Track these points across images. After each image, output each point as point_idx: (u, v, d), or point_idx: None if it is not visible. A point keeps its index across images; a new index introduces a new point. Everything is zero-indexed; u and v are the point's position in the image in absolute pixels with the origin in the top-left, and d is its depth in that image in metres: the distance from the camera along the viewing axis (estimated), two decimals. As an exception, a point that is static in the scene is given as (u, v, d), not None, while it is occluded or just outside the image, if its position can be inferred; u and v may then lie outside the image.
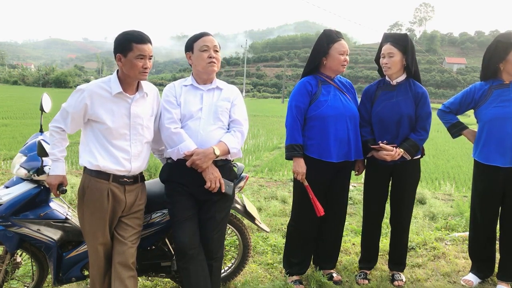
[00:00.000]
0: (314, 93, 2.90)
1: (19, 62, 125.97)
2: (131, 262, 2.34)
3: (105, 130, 2.24)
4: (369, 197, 3.17)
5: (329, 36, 2.93)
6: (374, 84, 3.10)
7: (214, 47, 2.44)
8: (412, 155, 2.92)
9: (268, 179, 7.17)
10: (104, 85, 2.25)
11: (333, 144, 2.84)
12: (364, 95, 3.09)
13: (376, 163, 2.98)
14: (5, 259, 2.51)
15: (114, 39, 2.26)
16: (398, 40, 2.92)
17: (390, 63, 2.90)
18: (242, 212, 2.96)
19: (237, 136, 2.47)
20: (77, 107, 2.22)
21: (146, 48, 2.21)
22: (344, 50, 2.89)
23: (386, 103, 2.95)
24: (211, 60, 2.41)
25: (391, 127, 2.93)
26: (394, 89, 2.97)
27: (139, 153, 2.33)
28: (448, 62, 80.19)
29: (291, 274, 3.07)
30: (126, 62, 2.20)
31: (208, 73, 2.46)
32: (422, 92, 2.95)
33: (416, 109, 2.93)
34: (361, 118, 3.03)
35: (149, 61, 2.26)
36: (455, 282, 3.18)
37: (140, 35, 2.21)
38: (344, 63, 2.91)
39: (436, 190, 6.99)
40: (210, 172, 2.35)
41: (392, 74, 2.95)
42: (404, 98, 2.93)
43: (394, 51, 2.88)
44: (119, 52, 2.21)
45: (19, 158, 2.53)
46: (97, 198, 2.25)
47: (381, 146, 2.87)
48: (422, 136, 2.93)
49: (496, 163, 2.87)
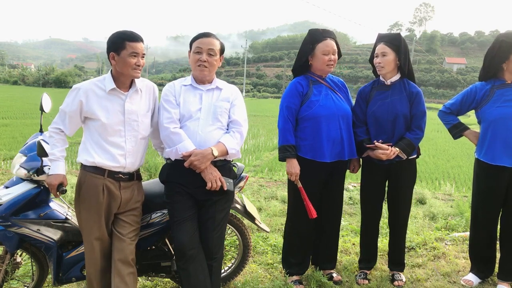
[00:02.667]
0: (305, 93, 2.90)
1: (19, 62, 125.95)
2: (130, 259, 2.37)
3: (100, 127, 2.29)
4: (366, 198, 3.18)
5: (314, 35, 2.92)
6: (369, 85, 3.11)
7: (209, 50, 2.41)
8: (408, 154, 2.92)
9: (268, 179, 7.17)
10: (98, 83, 2.33)
11: (326, 144, 2.84)
12: (359, 95, 3.10)
13: (372, 163, 2.99)
14: (5, 259, 2.51)
15: (107, 39, 2.32)
16: (391, 40, 2.93)
17: (384, 62, 2.90)
18: (242, 212, 2.96)
19: (236, 137, 2.47)
20: (73, 106, 2.28)
21: (139, 46, 2.29)
22: (329, 50, 2.86)
23: (381, 103, 2.95)
24: (200, 64, 2.41)
25: (387, 127, 2.93)
26: (389, 89, 2.97)
27: (133, 149, 2.38)
28: (448, 62, 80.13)
29: (291, 274, 3.07)
30: (120, 60, 2.26)
31: (198, 75, 2.46)
32: (416, 91, 2.96)
33: (411, 108, 2.93)
34: (356, 118, 3.04)
35: (142, 59, 2.32)
36: (455, 282, 3.18)
37: (132, 34, 2.28)
38: (329, 63, 2.88)
39: (436, 190, 6.99)
40: (209, 173, 2.35)
41: (386, 73, 2.96)
42: (399, 97, 2.93)
43: (387, 50, 2.89)
44: (112, 50, 2.28)
45: (19, 158, 2.53)
46: (92, 193, 2.29)
47: (376, 145, 2.88)
48: (418, 135, 2.93)
49: (503, 163, 2.87)
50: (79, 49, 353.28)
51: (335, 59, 2.91)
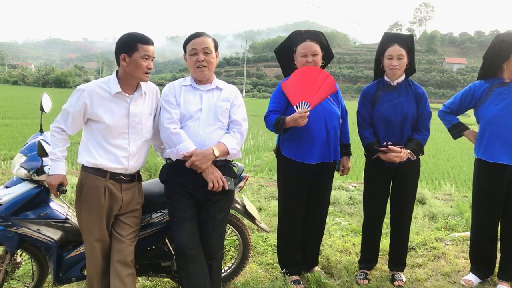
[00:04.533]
0: None
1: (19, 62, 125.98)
2: (129, 260, 2.37)
3: (104, 129, 2.27)
4: (371, 198, 3.15)
5: (294, 38, 2.91)
6: (373, 85, 3.06)
7: (204, 49, 2.41)
8: (417, 155, 2.93)
9: (268, 179, 7.16)
10: (103, 85, 2.29)
11: (310, 146, 2.82)
12: (364, 96, 3.05)
13: (380, 164, 2.96)
14: (5, 259, 2.51)
15: (118, 40, 2.29)
16: (405, 42, 2.90)
17: (400, 65, 2.86)
18: (242, 212, 2.96)
19: (236, 137, 2.47)
20: (77, 107, 2.25)
21: (151, 49, 2.28)
22: (305, 52, 2.81)
23: (389, 104, 2.92)
24: (199, 64, 2.41)
25: (396, 128, 2.91)
26: (395, 90, 2.95)
27: (137, 151, 2.37)
28: (448, 62, 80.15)
29: (291, 274, 3.07)
30: (131, 62, 2.23)
31: (199, 77, 2.46)
32: (422, 92, 2.97)
33: (418, 108, 2.93)
34: (362, 120, 3.02)
35: (151, 62, 2.31)
36: (455, 282, 3.18)
37: (145, 36, 2.27)
38: (307, 65, 2.81)
39: (436, 190, 6.99)
40: (210, 173, 2.35)
41: (398, 75, 2.93)
42: (406, 98, 2.92)
43: (403, 53, 2.86)
44: (123, 52, 2.24)
45: (19, 158, 2.53)
46: (94, 195, 2.28)
47: (389, 148, 2.85)
48: (425, 136, 2.94)
49: (502, 161, 2.87)
50: (79, 49, 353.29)
51: (314, 61, 2.82)
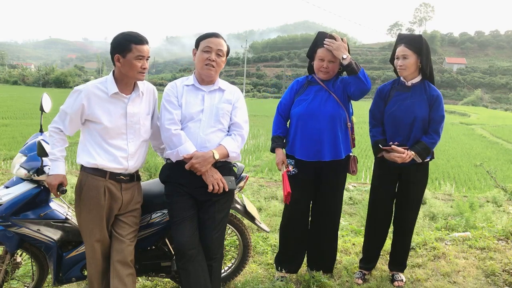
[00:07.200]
0: (297, 91, 3.00)
1: (19, 62, 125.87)
2: (129, 260, 2.37)
3: (102, 130, 2.27)
4: (376, 199, 3.13)
5: (317, 40, 2.95)
6: (389, 84, 3.06)
7: (218, 51, 2.42)
8: (423, 158, 2.87)
9: (268, 179, 7.17)
10: (100, 85, 2.29)
11: (300, 143, 2.89)
12: (378, 94, 3.05)
13: (385, 164, 2.95)
14: (5, 259, 2.51)
15: (112, 40, 2.28)
16: (413, 42, 2.87)
17: (405, 65, 2.86)
18: (242, 212, 2.96)
19: (237, 139, 2.47)
20: (75, 108, 2.25)
21: (145, 49, 2.26)
22: (322, 56, 2.87)
23: (400, 104, 2.91)
24: (209, 63, 2.40)
25: (404, 129, 2.89)
26: (409, 90, 2.93)
27: (136, 151, 2.37)
28: (448, 62, 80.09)
29: (280, 271, 3.10)
30: (125, 62, 2.23)
31: (204, 75, 2.45)
32: (437, 94, 2.90)
33: (430, 111, 2.88)
34: (373, 117, 3.03)
35: (146, 62, 2.30)
36: (455, 282, 3.18)
37: (139, 36, 2.25)
38: (321, 69, 2.89)
39: (436, 190, 6.99)
40: (210, 175, 2.35)
41: (407, 75, 2.92)
42: (419, 100, 2.88)
43: (408, 52, 2.84)
44: (117, 52, 2.24)
45: (19, 158, 2.53)
46: (94, 195, 2.27)
47: (392, 148, 2.84)
48: (434, 140, 2.88)
49: None
50: (79, 49, 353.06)
51: (329, 67, 2.87)
